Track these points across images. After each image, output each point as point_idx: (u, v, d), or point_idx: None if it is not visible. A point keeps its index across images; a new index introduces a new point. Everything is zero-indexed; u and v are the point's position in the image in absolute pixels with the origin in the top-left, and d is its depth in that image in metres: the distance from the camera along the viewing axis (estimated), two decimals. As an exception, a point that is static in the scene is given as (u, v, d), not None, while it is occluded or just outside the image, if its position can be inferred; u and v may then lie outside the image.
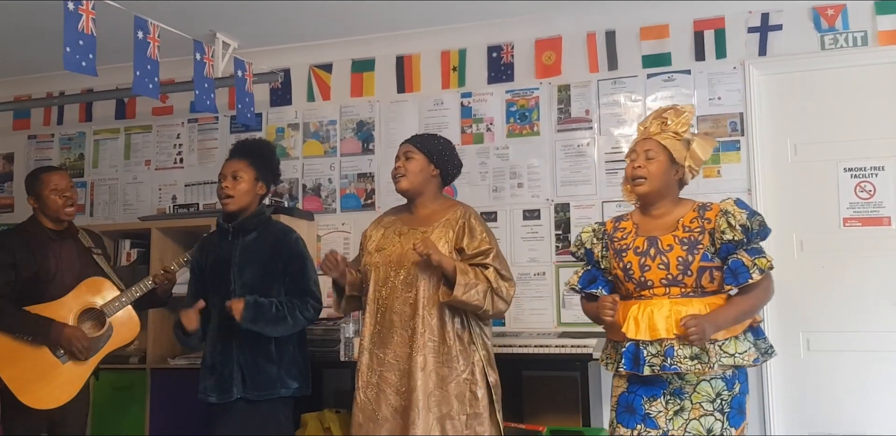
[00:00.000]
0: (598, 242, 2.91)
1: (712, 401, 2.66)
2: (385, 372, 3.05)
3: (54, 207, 3.55)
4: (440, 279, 3.04)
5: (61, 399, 3.38)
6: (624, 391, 2.75)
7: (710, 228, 2.71)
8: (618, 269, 2.79)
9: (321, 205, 4.66)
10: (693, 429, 2.65)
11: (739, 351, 2.65)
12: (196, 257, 3.50)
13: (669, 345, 2.61)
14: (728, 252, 2.69)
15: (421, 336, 3.02)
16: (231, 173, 3.37)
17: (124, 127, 5.14)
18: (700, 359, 2.60)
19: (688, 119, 2.83)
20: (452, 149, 3.30)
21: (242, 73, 4.21)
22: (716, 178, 4.00)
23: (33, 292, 3.46)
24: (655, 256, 2.71)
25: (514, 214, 4.31)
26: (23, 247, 3.50)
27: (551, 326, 4.13)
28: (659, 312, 2.66)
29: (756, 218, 2.71)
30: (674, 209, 2.82)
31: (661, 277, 2.69)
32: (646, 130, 2.86)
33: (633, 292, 2.76)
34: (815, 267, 3.86)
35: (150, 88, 3.47)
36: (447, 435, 2.98)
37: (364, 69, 4.69)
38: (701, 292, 2.70)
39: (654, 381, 2.69)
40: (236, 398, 3.23)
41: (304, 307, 3.29)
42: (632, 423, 2.71)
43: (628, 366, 2.67)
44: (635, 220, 2.88)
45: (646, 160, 2.79)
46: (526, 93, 4.38)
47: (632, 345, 2.67)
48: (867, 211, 3.81)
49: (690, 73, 4.11)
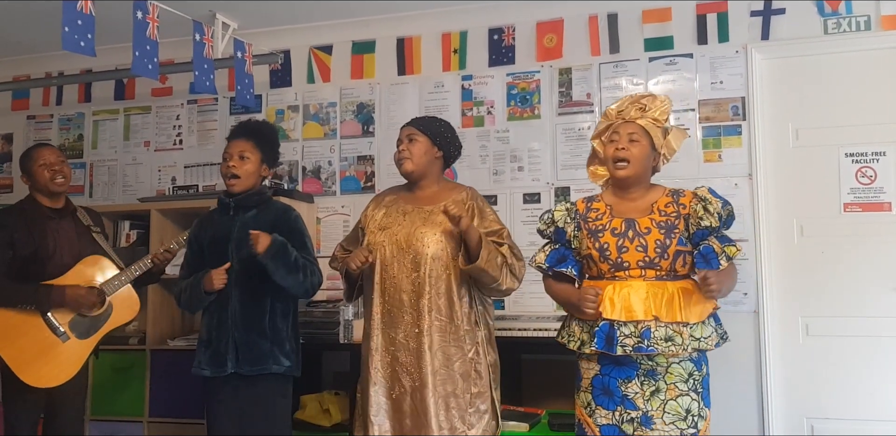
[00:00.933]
0: (572, 221, 2.91)
1: (685, 381, 2.72)
2: (397, 352, 3.07)
3: (42, 180, 3.54)
4: (449, 256, 3.05)
5: (62, 377, 3.39)
6: (597, 374, 2.79)
7: (686, 214, 2.77)
8: (592, 249, 2.80)
9: (321, 187, 4.65)
10: (672, 409, 2.70)
11: (704, 335, 2.71)
12: (195, 233, 3.50)
13: (646, 327, 2.66)
14: (701, 238, 2.75)
15: (428, 315, 3.04)
16: (238, 153, 3.37)
17: (123, 108, 5.11)
18: (673, 341, 2.65)
19: (668, 108, 2.89)
20: (453, 131, 3.31)
21: (242, 55, 4.19)
22: (717, 162, 3.99)
23: (32, 271, 3.46)
24: (634, 238, 2.75)
25: (514, 198, 4.30)
26: (21, 225, 3.49)
27: (550, 309, 4.12)
28: (636, 294, 2.70)
29: (727, 208, 2.79)
30: (647, 193, 2.87)
31: (639, 260, 2.73)
32: (620, 114, 2.88)
33: (605, 273, 2.79)
34: (814, 252, 3.86)
35: (149, 69, 3.45)
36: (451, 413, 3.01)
37: (364, 51, 4.66)
38: (674, 276, 2.75)
39: (626, 362, 2.73)
40: (230, 373, 3.24)
41: (314, 273, 3.32)
42: (611, 405, 2.75)
43: (600, 345, 2.70)
44: (607, 201, 2.91)
45: (629, 143, 2.81)
46: (527, 76, 4.35)
47: (605, 325, 2.71)
48: (868, 196, 3.81)
49: (692, 56, 4.09)
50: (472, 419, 3.05)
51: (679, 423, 2.68)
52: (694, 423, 2.69)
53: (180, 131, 4.98)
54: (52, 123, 5.25)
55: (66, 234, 3.58)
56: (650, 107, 2.85)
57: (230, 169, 3.35)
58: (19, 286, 3.40)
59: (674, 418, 2.68)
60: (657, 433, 2.68)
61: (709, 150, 4.00)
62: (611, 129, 2.89)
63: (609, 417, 2.74)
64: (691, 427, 2.69)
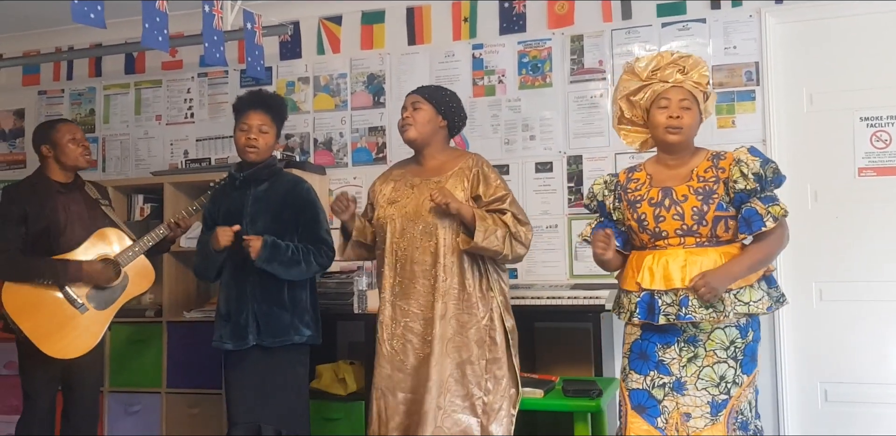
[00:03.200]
0: (611, 193, 2.91)
1: (726, 348, 2.68)
2: (410, 322, 3.10)
3: (74, 155, 3.58)
4: (459, 227, 3.07)
5: (82, 349, 3.43)
6: (637, 339, 2.78)
7: (725, 178, 2.71)
8: (632, 220, 2.79)
9: (333, 159, 4.65)
10: (706, 376, 2.67)
11: (753, 299, 2.66)
12: (208, 209, 3.52)
13: (684, 295, 2.63)
14: (742, 201, 2.68)
15: (442, 284, 3.06)
16: (258, 126, 3.39)
17: (134, 82, 5.11)
18: (715, 308, 2.61)
19: (706, 70, 2.82)
20: (459, 101, 3.31)
21: (252, 26, 4.15)
22: (730, 128, 3.96)
23: (45, 245, 3.49)
24: (670, 207, 2.71)
25: (526, 167, 4.29)
26: (32, 200, 3.52)
27: (564, 278, 4.14)
28: (674, 262, 2.67)
29: (770, 166, 2.69)
30: (690, 159, 2.81)
31: (676, 228, 2.69)
32: (655, 75, 2.80)
33: (647, 243, 2.77)
34: (828, 217, 3.84)
35: (159, 41, 3.43)
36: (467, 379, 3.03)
37: (374, 21, 4.63)
38: (716, 242, 2.70)
39: (668, 329, 2.71)
40: (251, 345, 3.28)
41: (319, 254, 3.34)
42: (645, 369, 2.74)
43: (643, 315, 2.69)
44: (649, 170, 2.87)
45: (681, 109, 2.75)
46: (538, 44, 4.32)
47: (646, 295, 2.69)
48: (883, 160, 3.78)
49: (706, 21, 4.04)
50: (489, 385, 3.08)
51: (711, 389, 2.66)
52: (727, 389, 2.66)
53: (191, 105, 4.98)
54: (63, 97, 5.26)
55: (76, 208, 3.60)
56: (689, 69, 2.79)
57: (251, 141, 3.36)
58: (36, 261, 3.43)
59: (706, 385, 2.66)
60: (688, 399, 2.67)
61: (722, 115, 3.97)
62: (649, 91, 2.80)
63: (640, 381, 2.74)
64: (723, 393, 2.66)
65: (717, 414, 2.66)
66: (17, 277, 3.42)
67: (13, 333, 3.44)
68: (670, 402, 2.69)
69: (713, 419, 2.66)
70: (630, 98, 2.87)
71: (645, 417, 2.71)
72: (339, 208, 3.20)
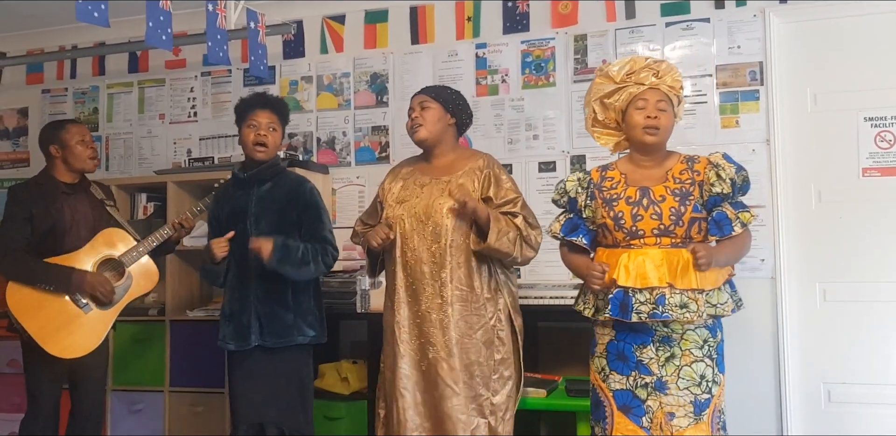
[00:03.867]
0: (584, 191, 2.93)
1: (700, 347, 2.73)
2: (423, 324, 3.09)
3: (82, 157, 3.60)
4: (468, 228, 3.07)
5: (87, 348, 3.44)
6: (612, 339, 2.81)
7: (700, 180, 2.77)
8: (607, 218, 2.81)
9: (336, 158, 4.65)
10: (686, 375, 2.71)
11: (721, 301, 2.73)
12: (212, 209, 3.53)
13: (661, 293, 2.66)
14: (714, 204, 2.76)
15: (450, 285, 3.05)
16: (268, 124, 3.40)
17: (137, 81, 5.11)
18: (688, 308, 2.65)
19: (679, 76, 2.88)
20: (464, 99, 3.32)
21: (255, 25, 4.15)
22: (734, 128, 3.95)
23: (50, 245, 3.49)
24: (648, 207, 2.75)
25: (529, 167, 4.28)
26: (38, 200, 3.52)
27: (566, 277, 4.11)
28: (651, 261, 2.70)
29: (741, 173, 2.78)
30: (663, 161, 2.86)
31: (654, 227, 2.74)
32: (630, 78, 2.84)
33: (621, 241, 2.80)
34: (832, 217, 3.83)
35: (163, 40, 3.43)
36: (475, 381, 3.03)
37: (377, 20, 4.63)
38: (689, 243, 2.74)
39: (641, 328, 2.75)
40: (254, 346, 3.28)
41: (325, 254, 3.35)
42: (626, 370, 2.77)
43: (615, 312, 2.71)
44: (622, 169, 2.91)
45: (658, 111, 2.80)
46: (542, 43, 4.32)
47: (620, 292, 2.72)
48: (887, 161, 3.77)
49: (710, 21, 4.03)
50: (497, 385, 3.08)
51: (693, 388, 2.70)
52: (708, 388, 2.71)
53: (195, 104, 4.98)
54: (66, 96, 5.26)
55: (81, 208, 3.61)
56: (663, 73, 2.84)
57: (262, 137, 3.37)
58: (41, 265, 3.43)
59: (688, 384, 2.70)
60: (671, 398, 2.70)
61: (726, 115, 3.96)
62: (624, 93, 2.85)
63: (623, 382, 2.76)
64: (705, 393, 2.70)
65: (700, 414, 2.70)
66: (21, 278, 3.43)
67: (17, 332, 3.45)
68: (654, 401, 2.72)
69: (696, 418, 2.70)
70: (604, 100, 2.91)
71: (630, 417, 2.74)
72: (378, 243, 3.13)
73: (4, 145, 5.37)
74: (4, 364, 4.73)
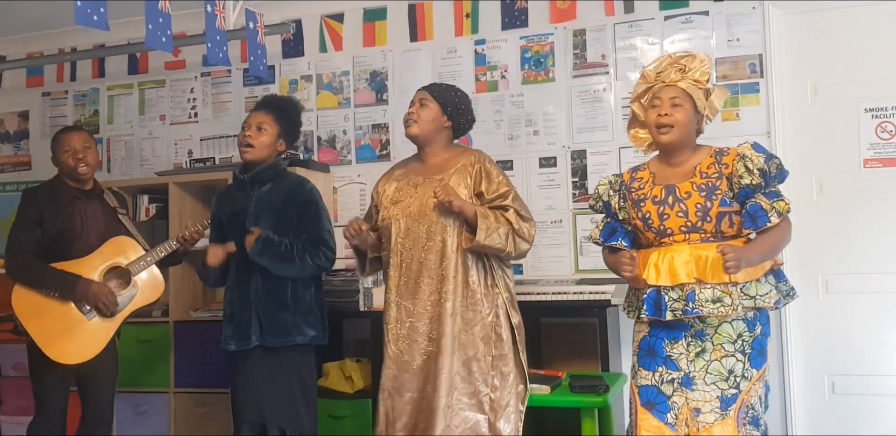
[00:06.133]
0: (615, 193, 2.91)
1: (733, 342, 2.67)
2: (415, 322, 3.09)
3: (66, 167, 3.58)
4: (463, 225, 3.06)
5: (86, 355, 3.42)
6: (646, 335, 2.79)
7: (728, 173, 2.71)
8: (636, 219, 2.80)
9: (336, 157, 4.65)
10: (714, 370, 2.67)
11: (760, 293, 2.66)
12: (214, 210, 3.53)
13: (690, 289, 2.63)
14: (746, 196, 2.68)
15: (448, 283, 3.05)
16: (256, 124, 3.40)
17: (137, 82, 5.12)
18: (722, 302, 2.61)
19: (708, 68, 2.82)
20: (468, 103, 3.29)
21: (254, 25, 4.16)
22: (735, 121, 3.94)
23: (59, 250, 3.49)
24: (674, 205, 2.72)
25: (529, 162, 4.28)
26: (50, 204, 3.52)
27: (569, 273, 4.13)
28: (679, 258, 2.67)
29: (773, 161, 2.69)
30: (692, 157, 2.81)
31: (681, 225, 2.70)
32: (659, 76, 2.82)
33: (653, 241, 2.78)
34: (834, 209, 3.82)
35: (162, 42, 3.43)
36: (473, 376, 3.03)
37: (376, 18, 4.63)
38: (721, 237, 2.69)
39: (676, 324, 2.71)
40: (255, 346, 3.29)
41: (315, 253, 3.32)
42: (653, 365, 2.74)
43: (650, 312, 2.69)
44: (652, 169, 2.88)
45: (671, 108, 2.76)
46: (541, 38, 4.31)
47: (653, 291, 2.70)
48: (888, 151, 3.76)
49: (709, 14, 4.02)
50: (495, 381, 3.07)
51: (720, 383, 2.66)
52: (736, 383, 2.66)
53: (195, 104, 4.99)
54: (67, 99, 5.27)
55: (93, 215, 3.61)
56: (690, 67, 2.79)
57: (245, 138, 3.37)
58: (50, 271, 3.42)
59: (715, 379, 2.66)
60: (698, 394, 2.67)
61: (726, 108, 3.94)
62: (650, 92, 2.83)
63: (649, 378, 2.74)
64: (732, 387, 2.66)
65: (726, 409, 2.65)
66: (28, 281, 3.43)
67: (23, 335, 3.45)
68: (679, 397, 2.69)
69: (723, 414, 2.65)
70: (640, 100, 2.89)
71: (655, 413, 2.71)
72: (350, 235, 3.16)
73: (6, 148, 5.39)
74: (9, 367, 4.74)
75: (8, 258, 3.48)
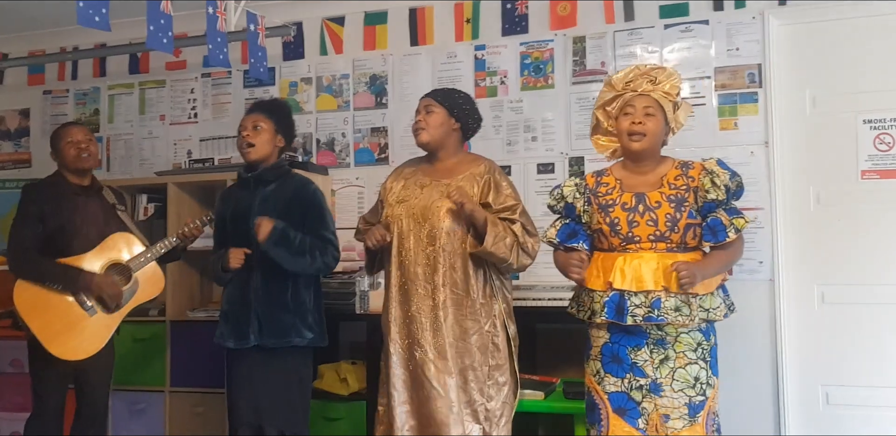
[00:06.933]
0: (581, 196, 2.95)
1: (694, 350, 2.76)
2: (411, 324, 3.10)
3: (70, 157, 3.60)
4: (464, 232, 3.08)
5: (89, 351, 3.45)
6: (607, 342, 2.84)
7: (695, 186, 2.80)
8: (603, 224, 2.83)
9: (335, 159, 4.66)
10: (680, 377, 2.74)
11: (713, 306, 2.76)
12: (218, 209, 3.55)
13: (657, 297, 2.70)
14: (708, 210, 2.79)
15: (443, 289, 3.06)
16: (252, 124, 3.43)
17: (138, 82, 5.13)
18: (681, 311, 2.68)
19: (678, 82, 2.90)
20: (473, 103, 3.32)
21: (255, 27, 4.17)
22: (733, 130, 3.96)
23: (59, 246, 3.51)
24: (644, 213, 2.78)
25: (528, 168, 4.29)
26: (50, 200, 3.54)
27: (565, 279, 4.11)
28: (647, 265, 2.74)
29: (735, 179, 2.80)
30: (657, 167, 2.89)
31: (650, 233, 2.76)
32: (628, 85, 2.87)
33: (617, 246, 2.82)
34: (831, 220, 3.83)
35: (164, 43, 3.44)
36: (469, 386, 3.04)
37: (377, 22, 4.64)
38: (683, 248, 2.78)
39: (635, 331, 2.77)
40: (253, 345, 3.30)
41: (325, 252, 3.35)
42: (620, 372, 2.79)
43: (610, 315, 2.74)
44: (617, 175, 2.93)
45: (645, 116, 2.82)
46: (540, 45, 4.32)
47: (616, 295, 2.75)
48: (886, 163, 3.77)
49: (708, 23, 4.03)
50: (491, 391, 3.08)
51: (688, 390, 2.72)
52: (702, 390, 2.73)
53: (195, 105, 5.00)
54: (67, 97, 5.28)
55: (92, 211, 3.62)
56: (660, 80, 2.86)
57: (244, 139, 3.40)
58: (50, 264, 3.44)
59: (683, 386, 2.72)
60: (666, 400, 2.72)
61: (725, 117, 3.96)
62: (620, 100, 2.89)
63: (618, 384, 2.78)
64: (700, 394, 2.73)
65: (695, 415, 2.73)
66: (30, 276, 3.44)
67: (23, 331, 3.46)
68: (649, 403, 2.75)
69: (691, 420, 2.73)
70: (605, 108, 2.95)
71: (626, 419, 2.77)
72: (373, 244, 3.16)
73: (6, 146, 5.40)
74: (7, 363, 4.75)
75: (10, 254, 3.50)
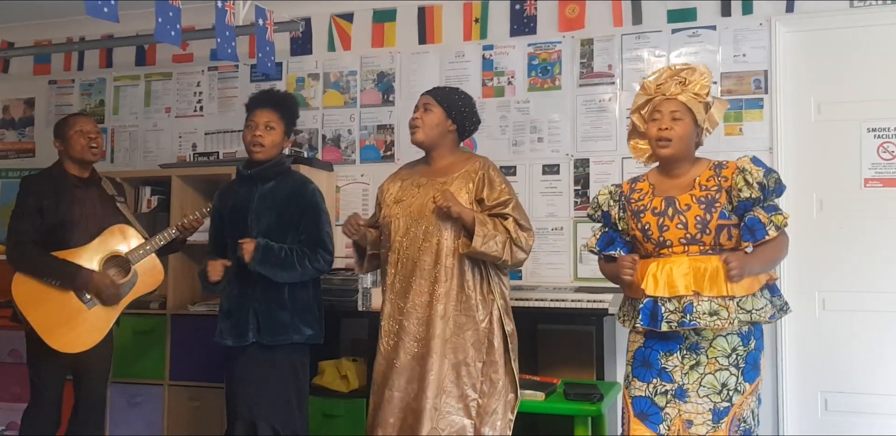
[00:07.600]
0: (615, 203, 2.94)
1: (728, 356, 2.70)
2: (405, 321, 3.11)
3: (78, 147, 3.59)
4: (461, 229, 3.08)
5: (87, 344, 3.45)
6: (640, 346, 2.81)
7: (727, 186, 2.74)
8: (636, 230, 2.82)
9: (340, 156, 4.67)
10: (708, 383, 2.70)
11: (756, 307, 2.68)
12: (216, 205, 3.54)
13: (688, 302, 2.65)
14: (745, 209, 2.72)
15: (441, 285, 3.07)
16: (264, 123, 3.41)
17: (144, 74, 5.13)
18: (718, 315, 2.63)
19: (708, 81, 2.84)
20: (472, 105, 3.30)
21: (263, 22, 4.16)
22: (737, 135, 3.97)
23: (58, 238, 3.50)
24: (674, 216, 2.74)
25: (533, 169, 4.30)
26: (49, 192, 3.53)
27: (568, 280, 4.16)
28: (678, 270, 2.69)
29: (772, 175, 2.72)
30: (691, 169, 2.84)
31: (680, 237, 2.72)
32: (659, 88, 2.85)
33: (652, 252, 2.80)
34: (833, 227, 3.85)
35: (172, 36, 3.44)
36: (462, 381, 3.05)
37: (385, 19, 4.64)
38: (719, 250, 2.72)
39: (671, 336, 2.73)
40: (251, 342, 3.31)
41: (314, 257, 3.35)
42: (648, 377, 2.76)
43: (646, 322, 2.71)
44: (651, 180, 2.90)
45: (671, 121, 2.78)
46: (548, 46, 4.33)
47: (650, 301, 2.71)
48: (889, 172, 3.79)
49: (716, 29, 4.05)
50: (484, 388, 3.09)
51: (713, 396, 2.69)
52: (728, 396, 2.69)
53: (201, 98, 5.00)
54: (73, 88, 5.27)
55: (91, 202, 3.62)
56: (690, 80, 2.81)
57: (256, 138, 3.38)
58: (50, 260, 3.43)
59: (708, 392, 2.69)
60: (690, 406, 2.70)
61: (730, 123, 3.98)
62: (651, 105, 2.86)
63: (643, 388, 2.76)
64: (725, 401, 2.69)
65: (718, 421, 2.69)
66: (28, 270, 3.44)
67: (21, 323, 3.46)
68: (672, 409, 2.72)
69: (715, 426, 2.69)
70: (640, 112, 2.92)
71: (647, 424, 2.74)
72: (349, 232, 3.21)
73: (10, 135, 5.39)
74: (5, 354, 4.75)
75: (9, 247, 3.50)
